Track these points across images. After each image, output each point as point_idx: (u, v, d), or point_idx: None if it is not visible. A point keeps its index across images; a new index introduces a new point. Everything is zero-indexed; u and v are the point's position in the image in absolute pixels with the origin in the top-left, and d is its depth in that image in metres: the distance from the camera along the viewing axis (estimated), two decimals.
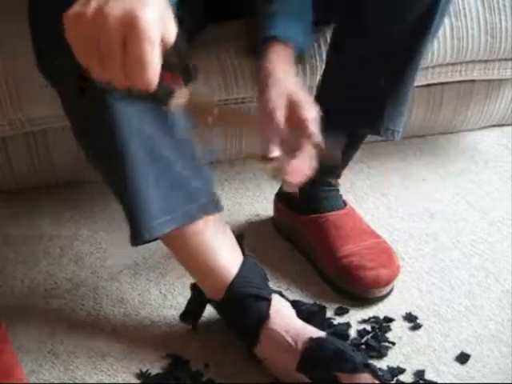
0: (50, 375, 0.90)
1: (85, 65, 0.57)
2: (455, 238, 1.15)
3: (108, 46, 0.54)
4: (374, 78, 0.93)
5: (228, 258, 0.88)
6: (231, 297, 0.87)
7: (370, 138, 1.06)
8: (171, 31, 0.58)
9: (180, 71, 0.64)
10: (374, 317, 0.98)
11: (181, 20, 0.68)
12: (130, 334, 0.96)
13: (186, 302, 0.96)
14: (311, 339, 0.84)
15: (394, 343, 0.94)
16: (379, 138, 1.03)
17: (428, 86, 1.32)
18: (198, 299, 0.93)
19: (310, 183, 0.86)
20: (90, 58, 0.56)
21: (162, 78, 0.58)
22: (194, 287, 0.94)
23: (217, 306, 0.91)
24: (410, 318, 0.99)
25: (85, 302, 1.01)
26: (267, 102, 0.79)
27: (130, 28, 0.54)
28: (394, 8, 0.88)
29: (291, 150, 0.76)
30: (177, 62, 0.62)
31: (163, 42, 0.57)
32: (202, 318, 0.95)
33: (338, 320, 0.98)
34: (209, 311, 0.95)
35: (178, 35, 0.59)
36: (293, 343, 0.85)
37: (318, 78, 1.08)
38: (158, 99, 0.63)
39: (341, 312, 1.00)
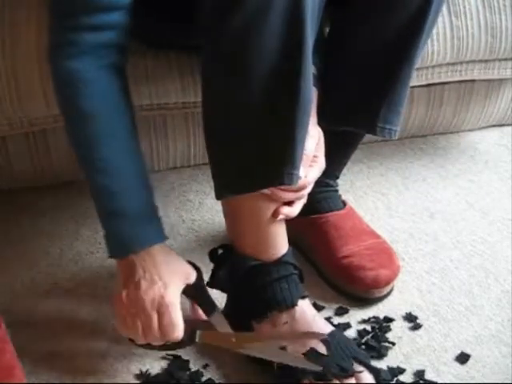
0: (49, 375, 0.90)
1: (128, 335, 0.86)
2: (455, 238, 1.15)
3: (147, 321, 0.82)
4: (369, 77, 0.93)
5: (284, 236, 0.92)
6: (283, 261, 0.90)
7: (369, 137, 1.06)
8: (191, 275, 0.88)
9: (202, 303, 0.89)
10: (374, 317, 0.99)
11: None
12: None
13: (185, 301, 0.96)
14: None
15: (393, 343, 0.94)
16: (378, 138, 1.03)
17: (428, 85, 1.32)
18: (226, 262, 0.92)
19: None
20: (133, 329, 0.83)
21: (187, 325, 0.84)
22: (215, 253, 0.95)
23: (256, 266, 0.89)
24: (410, 317, 0.99)
25: (85, 302, 1.01)
26: None
27: (160, 308, 0.82)
28: (386, 7, 0.88)
29: None
30: (199, 296, 0.89)
31: (187, 283, 0.87)
32: None
33: (337, 320, 0.98)
34: None
35: (198, 277, 0.88)
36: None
37: None
38: (185, 342, 0.86)
39: (341, 312, 1.00)
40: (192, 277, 0.88)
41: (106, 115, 0.83)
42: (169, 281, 0.83)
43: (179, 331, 0.83)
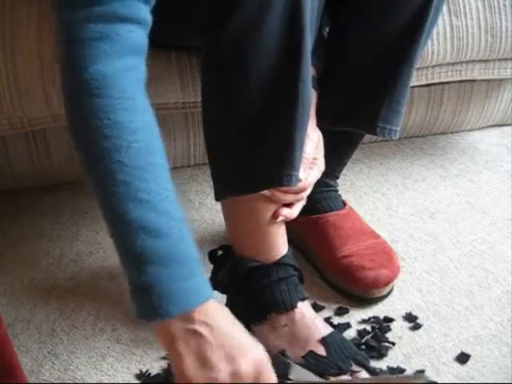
0: (49, 375, 0.90)
1: None
2: (455, 238, 1.15)
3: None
4: (369, 77, 0.93)
5: (284, 238, 0.90)
6: (282, 263, 0.89)
7: (369, 137, 1.06)
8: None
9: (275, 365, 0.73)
10: (374, 317, 0.99)
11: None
12: (129, 334, 0.96)
13: None
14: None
15: (393, 343, 0.94)
16: (379, 138, 1.04)
17: (428, 85, 1.32)
18: (226, 263, 0.91)
19: None
20: None
21: None
22: (214, 254, 0.93)
23: (255, 267, 0.88)
24: (410, 318, 0.99)
25: (85, 302, 1.02)
26: None
27: (259, 365, 0.68)
28: (386, 7, 0.88)
29: None
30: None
31: None
32: None
33: (337, 320, 0.98)
34: None
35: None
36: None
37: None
38: None
39: (341, 312, 1.00)
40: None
41: (152, 136, 0.69)
42: (246, 336, 0.71)
43: None
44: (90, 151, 0.66)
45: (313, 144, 0.88)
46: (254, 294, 0.89)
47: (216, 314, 0.69)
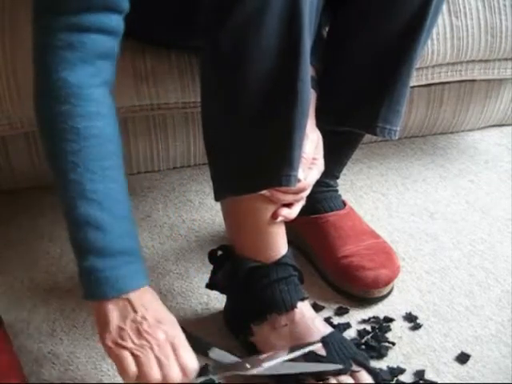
0: (49, 375, 0.90)
1: (135, 374, 0.74)
2: (455, 238, 1.15)
3: (164, 351, 0.74)
4: (369, 77, 0.93)
5: (284, 238, 0.91)
6: (282, 263, 0.89)
7: (369, 137, 1.06)
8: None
9: (196, 347, 0.80)
10: (374, 317, 0.99)
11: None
12: None
13: (185, 302, 0.96)
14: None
15: (393, 343, 0.94)
16: (379, 138, 1.03)
17: (428, 85, 1.32)
18: (226, 263, 0.92)
19: None
20: (146, 365, 0.73)
21: None
22: (214, 254, 0.93)
23: (255, 267, 0.89)
24: (410, 317, 0.99)
25: (85, 302, 1.01)
26: None
27: (174, 339, 0.76)
28: (386, 7, 0.88)
29: None
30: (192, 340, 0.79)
31: None
32: (202, 317, 0.95)
33: (337, 320, 0.98)
34: (208, 311, 0.96)
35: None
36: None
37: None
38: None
39: (341, 312, 1.00)
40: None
41: (106, 141, 0.76)
42: (172, 319, 0.78)
43: (196, 361, 0.76)
44: (51, 150, 0.76)
45: (312, 144, 0.88)
46: (254, 294, 0.89)
47: (144, 300, 0.76)
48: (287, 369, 0.83)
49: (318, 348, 0.86)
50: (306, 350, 0.84)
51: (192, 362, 0.76)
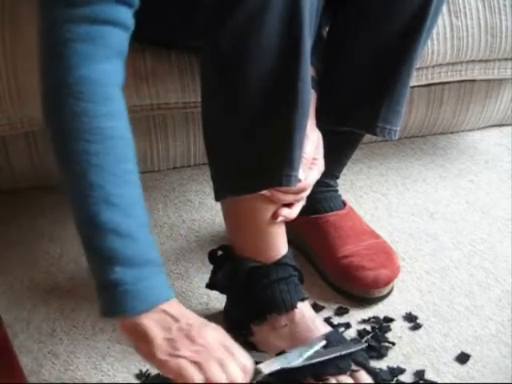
0: (49, 375, 0.90)
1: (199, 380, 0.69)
2: (455, 238, 1.15)
3: (224, 354, 0.71)
4: (369, 77, 0.93)
5: (284, 238, 0.91)
6: (282, 263, 0.89)
7: (369, 137, 1.06)
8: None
9: None
10: (374, 317, 0.99)
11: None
12: None
13: (185, 302, 0.96)
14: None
15: (393, 343, 0.94)
16: (379, 138, 1.03)
17: (428, 85, 1.32)
18: (226, 263, 0.92)
19: None
20: (208, 370, 0.69)
21: None
22: (214, 254, 0.93)
23: (255, 268, 0.89)
24: (410, 317, 0.99)
25: (85, 302, 1.01)
26: None
27: (225, 341, 0.73)
28: (386, 7, 0.89)
29: None
30: None
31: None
32: (202, 317, 0.95)
33: (337, 320, 0.98)
34: (208, 311, 0.95)
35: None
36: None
37: None
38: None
39: (341, 312, 1.00)
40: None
41: (127, 144, 0.71)
42: (208, 322, 0.75)
43: (251, 359, 0.75)
44: (66, 151, 0.69)
45: (312, 144, 0.88)
46: (254, 294, 0.89)
47: (178, 309, 0.73)
48: (321, 356, 0.84)
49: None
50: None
51: (249, 360, 0.74)
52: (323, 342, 0.86)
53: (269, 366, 0.80)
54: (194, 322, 0.72)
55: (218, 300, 1.00)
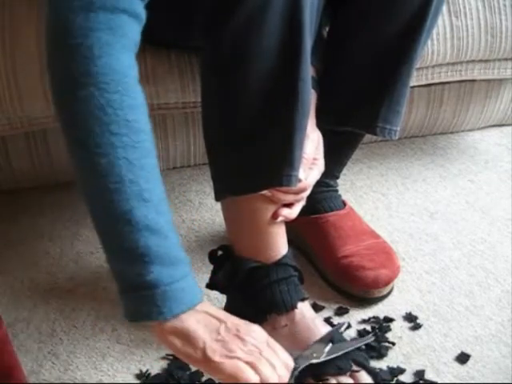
0: (50, 375, 0.90)
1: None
2: (455, 237, 1.15)
3: (272, 354, 0.72)
4: (369, 77, 0.93)
5: (284, 238, 0.90)
6: (282, 263, 0.89)
7: (369, 137, 1.06)
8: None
9: None
10: (374, 317, 0.99)
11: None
12: (129, 334, 0.96)
13: None
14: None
15: (393, 343, 0.94)
16: (379, 138, 1.03)
17: (428, 85, 1.32)
18: (226, 263, 0.91)
19: None
20: (264, 371, 0.70)
21: None
22: (214, 254, 0.93)
23: (255, 268, 0.88)
24: (410, 317, 0.99)
25: (85, 302, 1.02)
26: None
27: (269, 340, 0.74)
28: (386, 7, 0.89)
29: None
30: None
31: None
32: None
33: (337, 320, 0.98)
34: None
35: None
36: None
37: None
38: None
39: (341, 312, 1.00)
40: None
41: (150, 137, 0.69)
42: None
43: (291, 358, 0.76)
44: (91, 144, 0.65)
45: (313, 144, 0.88)
46: (254, 294, 0.89)
47: (215, 309, 0.73)
48: (340, 350, 0.84)
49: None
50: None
51: (289, 357, 0.75)
52: (372, 338, 0.90)
53: (302, 362, 0.81)
54: (238, 322, 0.72)
55: (218, 300, 1.00)
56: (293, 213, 0.88)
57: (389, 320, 0.98)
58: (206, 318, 0.70)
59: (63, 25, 0.65)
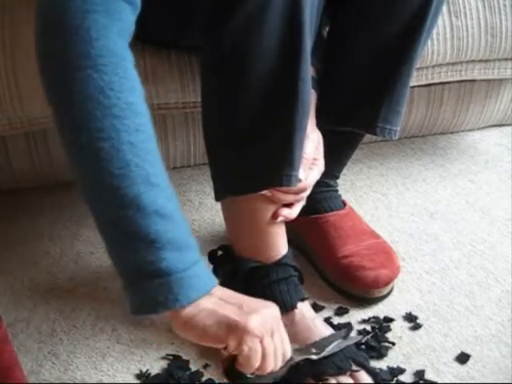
0: (50, 375, 0.90)
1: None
2: (455, 237, 1.15)
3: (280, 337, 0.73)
4: (369, 77, 0.93)
5: (284, 238, 0.91)
6: (282, 263, 0.89)
7: (369, 137, 1.06)
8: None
9: None
10: (374, 317, 0.99)
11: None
12: (129, 334, 0.96)
13: None
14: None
15: (393, 343, 0.94)
16: (379, 138, 1.03)
17: (428, 85, 1.32)
18: (226, 263, 0.92)
19: None
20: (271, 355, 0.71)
21: None
22: (214, 254, 0.93)
23: (255, 268, 0.89)
24: (410, 317, 0.99)
25: (85, 302, 1.02)
26: None
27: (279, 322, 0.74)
28: (386, 7, 0.89)
29: None
30: None
31: None
32: None
33: (337, 320, 0.98)
34: None
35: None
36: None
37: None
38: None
39: (341, 312, 1.00)
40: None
41: (147, 120, 0.67)
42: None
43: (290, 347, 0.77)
44: (92, 129, 0.62)
45: (313, 144, 0.88)
46: (254, 294, 0.89)
47: (229, 292, 0.72)
48: (340, 347, 0.85)
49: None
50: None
51: (290, 346, 0.76)
52: (360, 337, 0.91)
53: (298, 356, 0.81)
54: (255, 304, 0.72)
55: None
56: (293, 213, 0.88)
57: (389, 320, 0.98)
58: (221, 302, 0.69)
59: (61, 6, 0.62)
